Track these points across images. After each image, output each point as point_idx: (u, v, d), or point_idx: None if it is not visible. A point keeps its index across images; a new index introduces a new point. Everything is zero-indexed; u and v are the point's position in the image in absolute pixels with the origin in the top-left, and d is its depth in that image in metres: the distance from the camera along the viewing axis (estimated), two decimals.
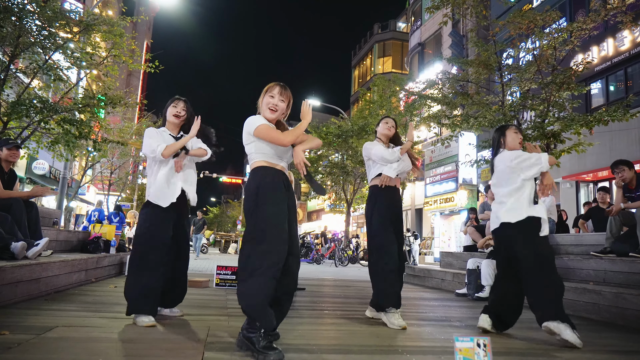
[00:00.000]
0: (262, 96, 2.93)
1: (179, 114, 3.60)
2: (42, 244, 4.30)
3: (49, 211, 7.75)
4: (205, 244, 24.10)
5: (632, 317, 4.16)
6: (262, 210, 2.65)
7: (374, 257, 3.87)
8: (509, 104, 10.70)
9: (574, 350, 3.04)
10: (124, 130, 22.10)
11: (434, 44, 28.43)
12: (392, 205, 3.95)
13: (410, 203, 28.01)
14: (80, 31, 9.27)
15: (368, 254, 4.02)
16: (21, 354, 2.25)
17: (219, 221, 67.27)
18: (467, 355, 2.27)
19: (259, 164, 2.79)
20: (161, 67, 11.24)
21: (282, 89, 2.90)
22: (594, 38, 14.94)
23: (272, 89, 2.91)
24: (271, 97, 2.88)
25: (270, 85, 2.94)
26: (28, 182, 18.79)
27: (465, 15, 11.49)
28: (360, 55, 41.38)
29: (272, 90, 2.90)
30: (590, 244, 6.36)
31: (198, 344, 2.69)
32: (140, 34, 38.60)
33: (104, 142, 10.85)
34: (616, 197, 5.82)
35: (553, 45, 10.13)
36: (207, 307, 4.22)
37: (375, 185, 4.00)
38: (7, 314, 3.22)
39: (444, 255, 9.20)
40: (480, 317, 3.60)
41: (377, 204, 3.93)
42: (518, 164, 3.48)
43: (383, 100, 20.67)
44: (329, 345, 2.85)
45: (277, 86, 2.91)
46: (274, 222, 2.63)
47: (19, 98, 8.62)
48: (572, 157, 13.42)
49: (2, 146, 4.77)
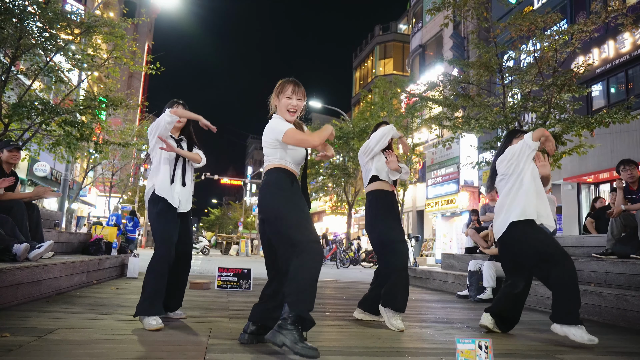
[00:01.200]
0: (276, 95, 2.88)
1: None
2: (45, 246, 4.29)
3: (50, 213, 7.75)
4: (206, 245, 24.15)
5: (633, 318, 4.15)
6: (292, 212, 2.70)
7: (389, 256, 3.78)
8: (510, 106, 10.70)
9: (576, 352, 3.03)
10: (125, 132, 22.12)
11: (435, 45, 28.44)
12: (394, 209, 3.95)
13: (411, 205, 28.00)
14: (81, 33, 9.28)
15: (379, 256, 3.95)
16: (22, 357, 2.25)
17: (220, 223, 67.29)
18: (469, 357, 2.27)
19: (277, 165, 2.81)
20: (162, 69, 11.26)
21: (296, 87, 2.85)
22: (594, 40, 14.94)
23: (286, 87, 2.85)
24: (288, 99, 2.83)
25: (282, 83, 2.88)
26: (29, 183, 18.82)
27: (466, 17, 11.50)
28: (361, 57, 41.41)
29: (286, 90, 2.84)
30: (592, 245, 6.36)
31: (200, 345, 2.69)
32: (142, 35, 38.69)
33: (105, 144, 10.86)
34: (617, 198, 5.82)
35: (554, 47, 10.14)
36: (208, 308, 4.22)
37: (375, 191, 3.98)
38: (9, 316, 3.22)
39: (445, 257, 9.19)
40: (483, 316, 3.61)
41: (381, 208, 3.90)
42: (512, 157, 3.57)
43: (384, 102, 20.69)
44: (331, 347, 2.85)
45: (291, 84, 2.85)
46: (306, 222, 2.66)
47: (20, 100, 8.63)
48: (573, 159, 13.43)
49: (3, 148, 4.76)
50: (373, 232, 3.90)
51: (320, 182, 27.70)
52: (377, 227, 3.87)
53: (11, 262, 3.85)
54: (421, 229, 27.73)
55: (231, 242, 28.09)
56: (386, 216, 3.87)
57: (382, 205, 3.91)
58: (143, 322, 3.11)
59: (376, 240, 3.89)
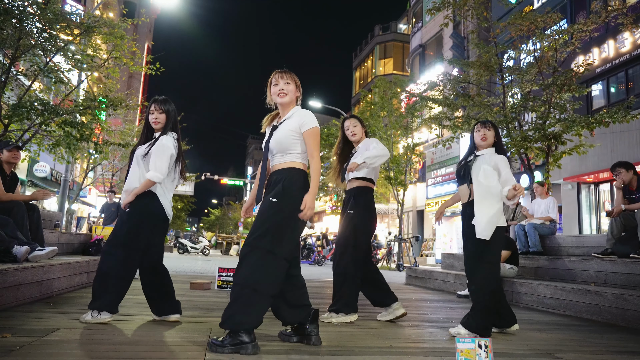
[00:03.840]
0: (269, 92, 2.97)
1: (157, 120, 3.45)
2: (47, 251, 4.28)
3: (51, 214, 7.76)
4: (207, 245, 24.15)
5: (633, 318, 4.16)
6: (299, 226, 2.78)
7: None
8: (510, 106, 10.70)
9: (576, 352, 3.03)
10: (125, 132, 22.11)
11: (435, 45, 28.44)
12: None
13: (411, 204, 28.01)
14: (81, 33, 9.28)
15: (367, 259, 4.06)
16: (23, 357, 2.25)
17: (220, 223, 67.31)
18: (469, 357, 2.28)
19: (302, 167, 2.86)
20: (162, 69, 11.26)
21: (282, 74, 2.93)
22: (594, 40, 14.94)
23: (272, 78, 2.95)
24: (276, 85, 2.91)
25: (270, 78, 2.97)
26: (29, 184, 18.82)
27: (466, 17, 11.51)
28: (361, 57, 41.40)
29: (272, 80, 2.95)
30: (592, 245, 6.37)
31: (200, 346, 2.69)
32: (141, 36, 38.68)
33: (105, 145, 10.86)
34: (617, 198, 5.82)
35: (554, 46, 10.14)
36: (209, 309, 4.22)
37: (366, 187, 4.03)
38: (9, 317, 3.22)
39: (445, 256, 9.19)
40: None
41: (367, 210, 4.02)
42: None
43: (384, 102, 20.66)
44: (331, 347, 2.85)
45: (275, 74, 2.95)
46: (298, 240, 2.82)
47: (19, 100, 8.63)
48: (573, 159, 13.43)
49: (3, 148, 4.77)
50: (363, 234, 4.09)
51: (321, 182, 27.71)
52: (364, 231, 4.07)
53: (12, 263, 3.85)
54: (421, 228, 27.73)
55: (231, 243, 28.06)
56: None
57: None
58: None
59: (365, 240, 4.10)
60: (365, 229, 3.93)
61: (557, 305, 5.08)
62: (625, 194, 5.80)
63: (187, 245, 23.34)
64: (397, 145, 21.14)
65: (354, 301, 3.87)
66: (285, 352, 2.63)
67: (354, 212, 3.93)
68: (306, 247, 20.20)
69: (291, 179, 2.76)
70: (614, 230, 5.69)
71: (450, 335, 3.38)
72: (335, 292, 3.92)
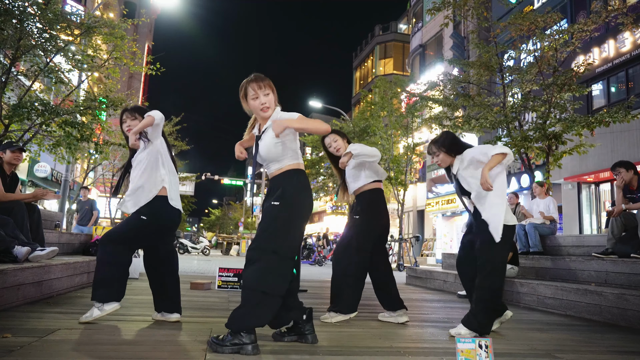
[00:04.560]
0: (244, 101, 2.84)
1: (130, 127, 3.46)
2: (47, 251, 4.28)
3: (51, 214, 7.77)
4: (207, 245, 24.16)
5: (633, 318, 4.16)
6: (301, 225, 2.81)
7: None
8: (510, 106, 10.70)
9: (576, 352, 3.03)
10: None
11: (435, 45, 28.44)
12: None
13: (412, 204, 28.01)
14: (81, 34, 9.29)
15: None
16: (23, 357, 2.25)
17: (220, 223, 67.31)
18: (469, 357, 2.28)
19: (298, 167, 2.86)
20: (162, 70, 11.26)
21: (258, 84, 2.77)
22: (595, 40, 14.96)
23: (247, 90, 2.79)
24: (255, 99, 2.78)
25: (243, 84, 2.81)
26: (30, 184, 18.82)
27: (467, 17, 11.51)
28: (361, 57, 41.41)
29: (249, 92, 2.79)
30: (592, 245, 6.37)
31: (200, 346, 2.69)
32: (142, 36, 38.70)
33: (106, 145, 10.86)
34: (617, 198, 5.82)
35: (554, 46, 10.15)
36: (209, 309, 4.22)
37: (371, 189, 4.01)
38: (10, 317, 3.22)
39: (445, 256, 9.19)
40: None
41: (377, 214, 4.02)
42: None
43: (384, 102, 20.68)
44: (331, 347, 2.85)
45: (252, 83, 2.77)
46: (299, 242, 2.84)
47: (20, 101, 8.64)
48: (574, 159, 13.44)
49: (6, 149, 4.78)
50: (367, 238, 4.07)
51: (321, 182, 27.70)
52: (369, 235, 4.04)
53: (12, 263, 3.86)
54: (421, 228, 27.73)
55: (232, 243, 28.07)
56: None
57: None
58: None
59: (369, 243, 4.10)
60: (370, 233, 3.90)
61: (557, 305, 5.08)
62: (625, 194, 5.80)
63: (187, 245, 23.36)
64: (398, 145, 21.15)
65: (355, 302, 3.87)
66: (285, 352, 2.63)
67: (360, 217, 3.94)
68: (306, 247, 20.20)
69: (290, 181, 2.78)
70: (614, 230, 5.69)
71: (450, 335, 3.38)
72: (333, 293, 3.91)
